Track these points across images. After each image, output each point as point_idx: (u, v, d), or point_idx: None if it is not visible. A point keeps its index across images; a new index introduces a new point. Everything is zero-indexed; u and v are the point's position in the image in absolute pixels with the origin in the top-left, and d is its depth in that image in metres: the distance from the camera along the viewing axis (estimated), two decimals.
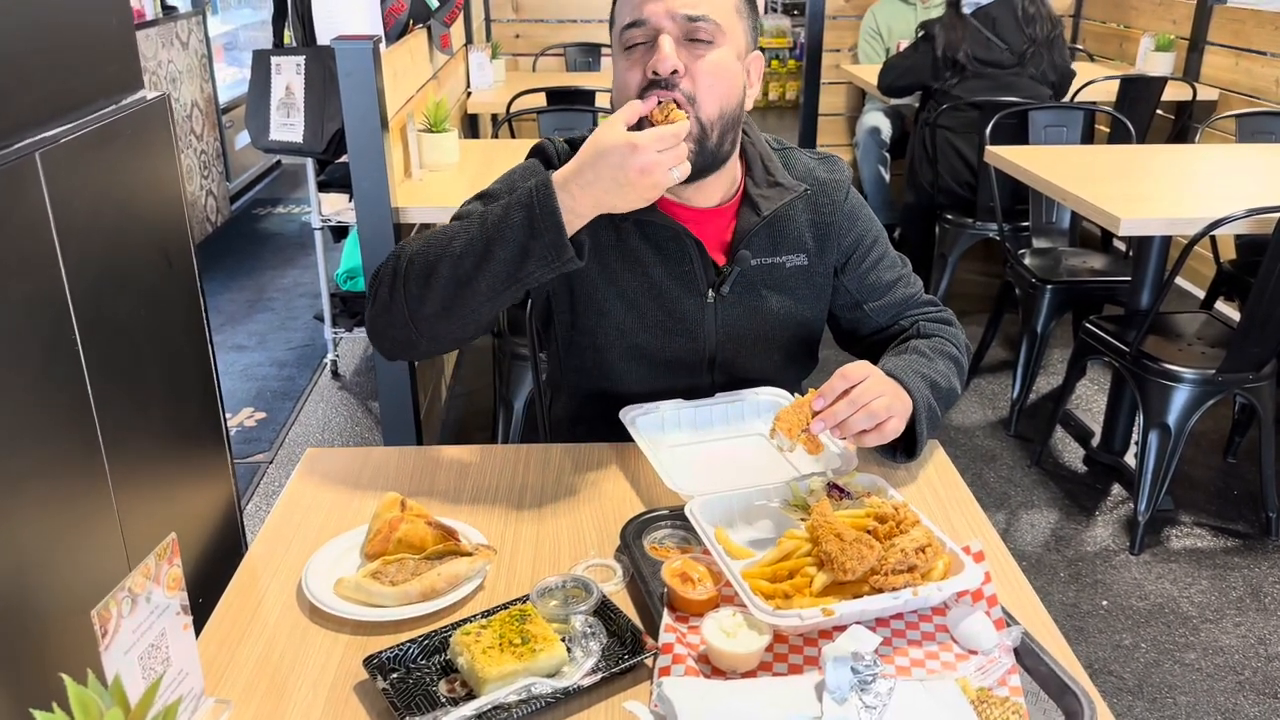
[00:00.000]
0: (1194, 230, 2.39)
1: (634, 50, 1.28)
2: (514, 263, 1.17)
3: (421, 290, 1.22)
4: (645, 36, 1.26)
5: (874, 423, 1.20)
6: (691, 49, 1.26)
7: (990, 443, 3.27)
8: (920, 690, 0.92)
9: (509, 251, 1.17)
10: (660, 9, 1.25)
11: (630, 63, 1.28)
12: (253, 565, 1.17)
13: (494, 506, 1.28)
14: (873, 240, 1.49)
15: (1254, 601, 2.50)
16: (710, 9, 1.26)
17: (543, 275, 1.19)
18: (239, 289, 4.70)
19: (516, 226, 1.16)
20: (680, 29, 1.26)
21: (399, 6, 3.17)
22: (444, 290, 1.21)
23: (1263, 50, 4.25)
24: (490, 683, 0.93)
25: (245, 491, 3.04)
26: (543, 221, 1.15)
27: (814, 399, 1.20)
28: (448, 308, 1.22)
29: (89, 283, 1.32)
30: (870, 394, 1.20)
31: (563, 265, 1.17)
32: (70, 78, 1.36)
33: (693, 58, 1.26)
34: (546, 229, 1.15)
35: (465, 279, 1.19)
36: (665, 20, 1.25)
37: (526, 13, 5.57)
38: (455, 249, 1.20)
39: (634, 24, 1.27)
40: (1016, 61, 3.86)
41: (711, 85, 1.27)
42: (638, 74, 1.27)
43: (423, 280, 1.22)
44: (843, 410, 1.19)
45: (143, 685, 0.81)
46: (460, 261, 1.19)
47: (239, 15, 7.05)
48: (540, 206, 1.15)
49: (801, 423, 1.19)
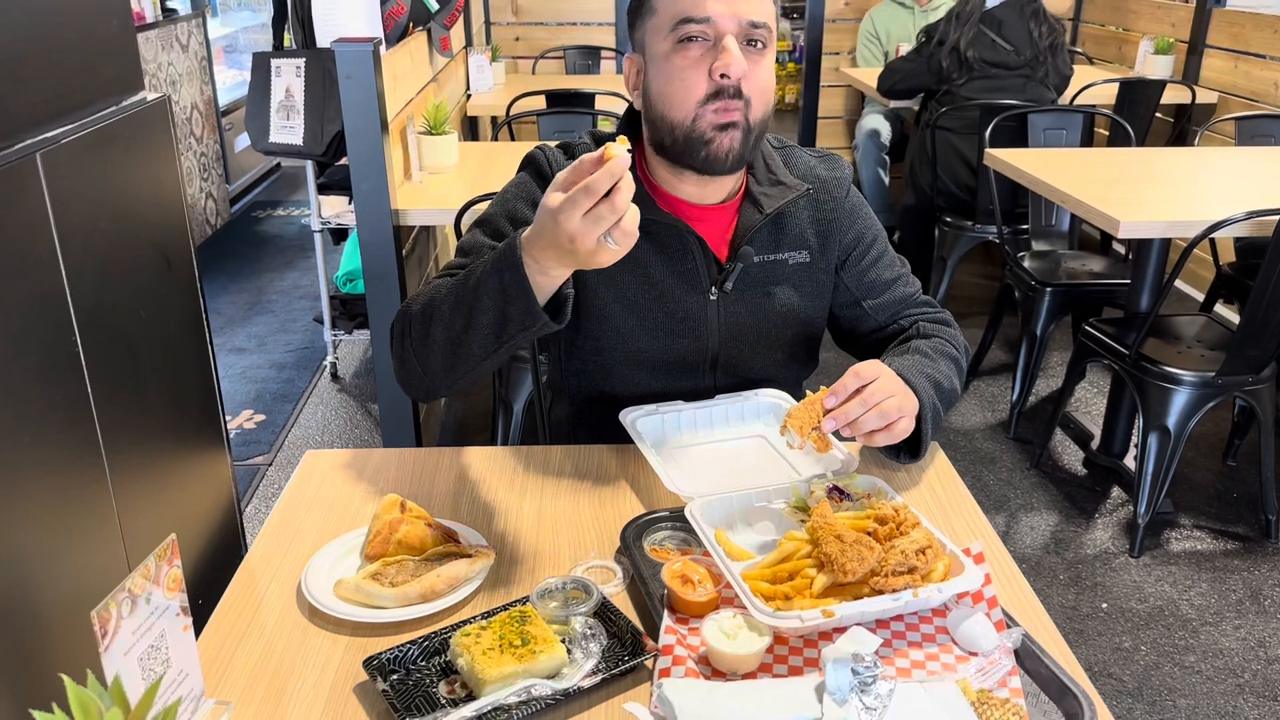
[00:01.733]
0: (1193, 233, 2.39)
1: (690, 46, 1.26)
2: (496, 327, 1.14)
3: (424, 350, 1.22)
4: (705, 35, 1.26)
5: (885, 423, 1.20)
6: (748, 53, 1.27)
7: (990, 445, 3.27)
8: (920, 692, 0.92)
9: (489, 317, 1.14)
10: (727, 10, 1.25)
11: (689, 61, 1.27)
12: (252, 567, 1.17)
13: (494, 508, 1.28)
14: (873, 238, 1.50)
15: (1254, 604, 2.50)
16: (768, 16, 1.28)
17: (526, 339, 1.16)
18: (238, 291, 4.70)
19: (493, 292, 1.13)
20: (743, 33, 1.26)
21: (399, 9, 3.17)
22: (443, 351, 1.20)
23: (1262, 53, 4.25)
24: (490, 684, 0.93)
25: (245, 493, 3.03)
26: (513, 289, 1.10)
27: (826, 396, 1.20)
28: (451, 365, 1.22)
29: (89, 284, 1.32)
30: (882, 393, 1.20)
31: (539, 330, 1.13)
32: (71, 79, 1.36)
33: (750, 62, 1.27)
34: (517, 296, 1.11)
35: (458, 341, 1.18)
36: (730, 22, 1.25)
37: (526, 16, 5.58)
38: (445, 312, 1.18)
39: (696, 20, 1.25)
40: (1021, 64, 3.87)
41: (763, 90, 1.30)
42: (701, 76, 1.26)
43: (423, 341, 1.22)
44: (854, 409, 1.19)
45: (142, 686, 0.81)
46: (451, 325, 1.18)
47: (239, 18, 7.06)
48: (509, 273, 1.10)
49: (813, 420, 1.18)
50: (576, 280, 1.39)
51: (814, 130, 5.48)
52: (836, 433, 1.21)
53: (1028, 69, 3.88)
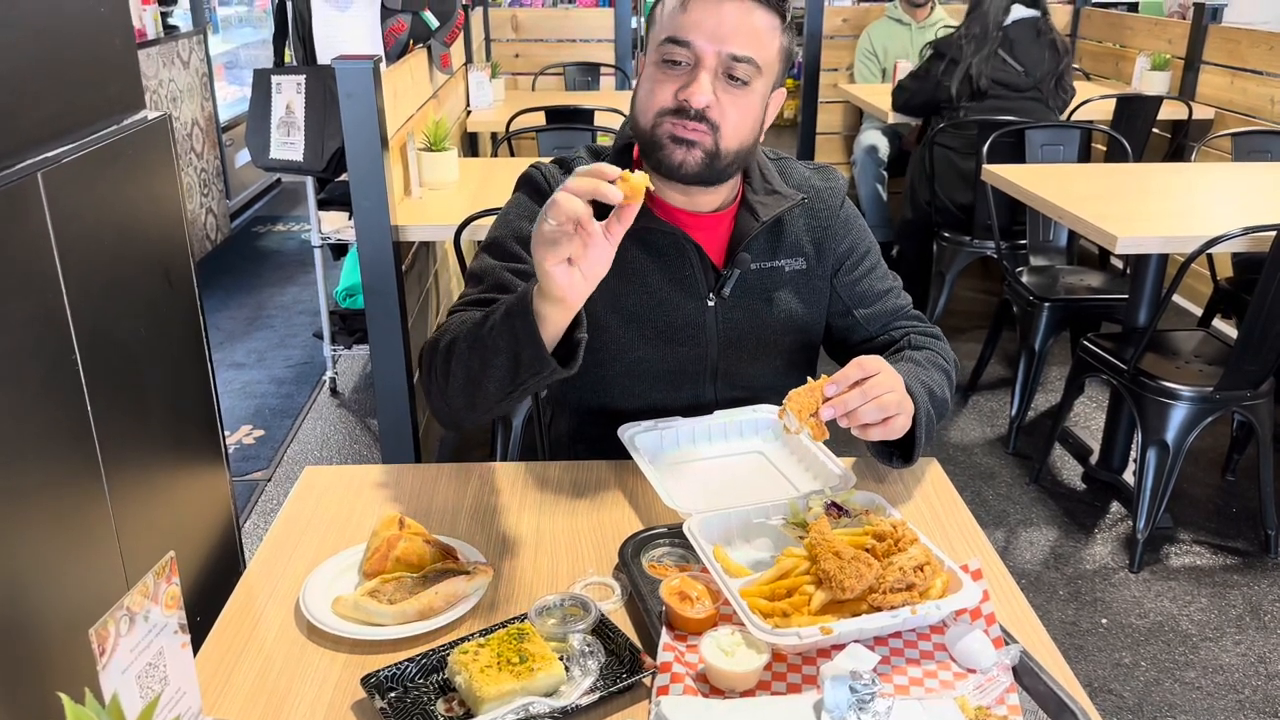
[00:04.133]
0: (1191, 248, 2.40)
1: (670, 66, 1.29)
2: (510, 370, 1.17)
3: (447, 386, 1.25)
4: (686, 59, 1.28)
5: (883, 416, 1.20)
6: (726, 84, 1.28)
7: (989, 460, 3.27)
8: (918, 709, 0.92)
9: (503, 359, 1.16)
10: (710, 44, 1.26)
11: (664, 77, 1.30)
12: (250, 583, 1.17)
13: (492, 525, 1.28)
14: (865, 249, 1.52)
15: (1254, 619, 2.49)
16: (756, 51, 1.28)
17: (539, 383, 1.17)
18: (238, 306, 4.71)
19: (506, 336, 1.15)
20: (723, 65, 1.27)
21: (399, 26, 3.19)
22: (463, 390, 1.23)
23: (1258, 69, 4.27)
24: (488, 702, 0.93)
25: (243, 509, 3.03)
26: (523, 333, 1.12)
27: (827, 384, 1.19)
28: (471, 403, 1.24)
29: (90, 301, 1.33)
30: (882, 387, 1.20)
31: (550, 376, 1.15)
32: (73, 98, 1.37)
33: (725, 93, 1.28)
34: (527, 343, 1.12)
35: (476, 381, 1.21)
36: (710, 54, 1.27)
37: (526, 32, 5.61)
38: (464, 350, 1.21)
39: (679, 42, 1.27)
40: (1030, 86, 3.87)
41: (736, 123, 1.30)
42: (668, 95, 1.29)
43: (445, 378, 1.24)
44: (854, 399, 1.18)
45: (140, 704, 0.81)
46: (469, 365, 1.21)
47: (240, 34, 7.09)
48: (519, 319, 1.13)
49: (812, 406, 1.18)
50: None
51: (812, 145, 5.50)
52: (829, 441, 1.21)
53: (1035, 90, 3.88)
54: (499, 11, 5.58)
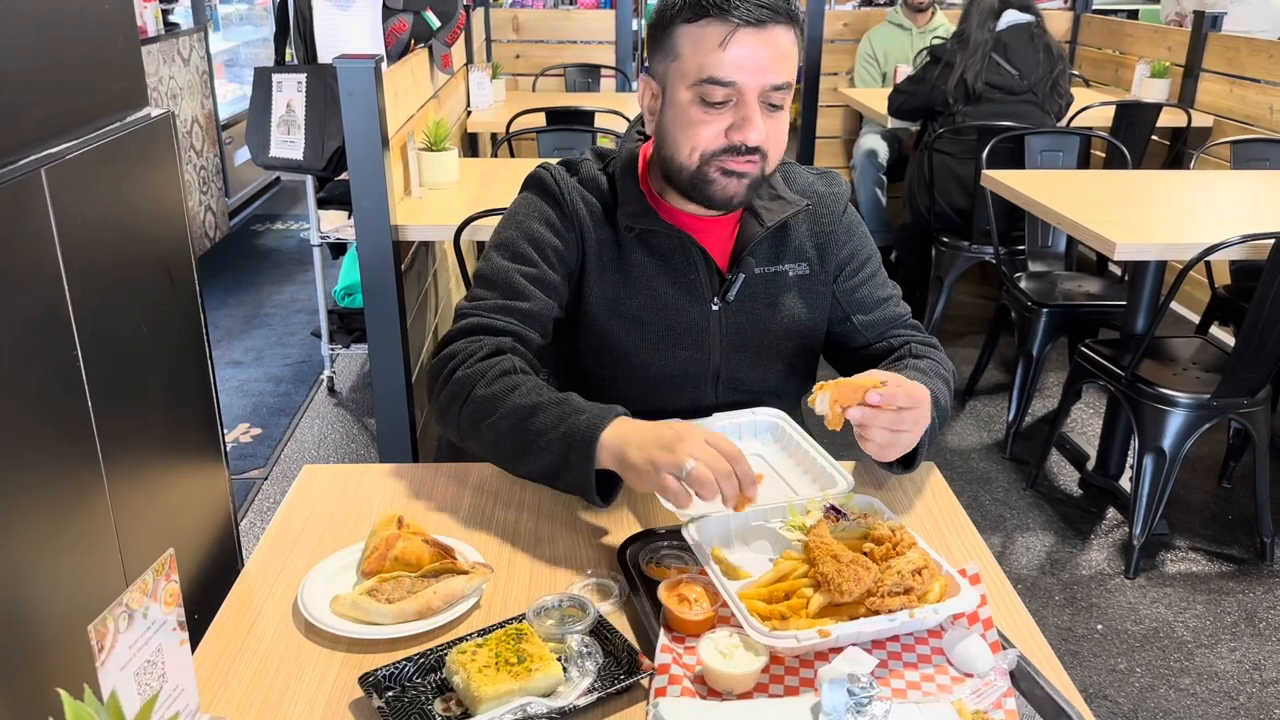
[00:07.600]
0: (1189, 255, 2.40)
1: (712, 106, 1.29)
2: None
3: (473, 433, 1.30)
4: (729, 98, 1.28)
5: (891, 447, 1.22)
6: (768, 112, 1.29)
7: (986, 466, 3.27)
8: (916, 713, 0.92)
9: (543, 465, 1.24)
10: (753, 80, 1.26)
11: (706, 117, 1.29)
12: (248, 582, 1.17)
13: (491, 524, 1.28)
14: (866, 256, 1.52)
15: (1249, 626, 2.50)
16: (790, 74, 1.30)
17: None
18: (236, 304, 4.70)
19: (555, 454, 1.22)
20: (765, 98, 1.28)
21: (400, 26, 3.19)
22: (489, 449, 1.30)
23: (1257, 78, 4.28)
24: (486, 702, 0.93)
25: (240, 507, 3.03)
26: (576, 470, 1.20)
27: (872, 392, 1.18)
28: (492, 458, 1.33)
29: (91, 298, 1.33)
30: (911, 423, 1.21)
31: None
32: (77, 95, 1.37)
33: (767, 119, 1.29)
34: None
35: (505, 455, 1.29)
36: (754, 89, 1.27)
37: (527, 33, 5.61)
38: (502, 428, 1.25)
39: (721, 83, 1.26)
40: (1025, 89, 3.88)
41: (778, 144, 1.33)
42: (716, 135, 1.29)
43: (474, 427, 1.29)
44: (884, 421, 1.19)
45: (138, 701, 0.81)
46: (502, 443, 1.27)
47: (240, 32, 7.09)
48: (577, 454, 1.20)
49: (846, 402, 1.18)
50: (579, 304, 1.41)
51: (812, 150, 5.51)
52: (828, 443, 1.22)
53: (1031, 94, 3.89)
54: (500, 12, 5.59)
